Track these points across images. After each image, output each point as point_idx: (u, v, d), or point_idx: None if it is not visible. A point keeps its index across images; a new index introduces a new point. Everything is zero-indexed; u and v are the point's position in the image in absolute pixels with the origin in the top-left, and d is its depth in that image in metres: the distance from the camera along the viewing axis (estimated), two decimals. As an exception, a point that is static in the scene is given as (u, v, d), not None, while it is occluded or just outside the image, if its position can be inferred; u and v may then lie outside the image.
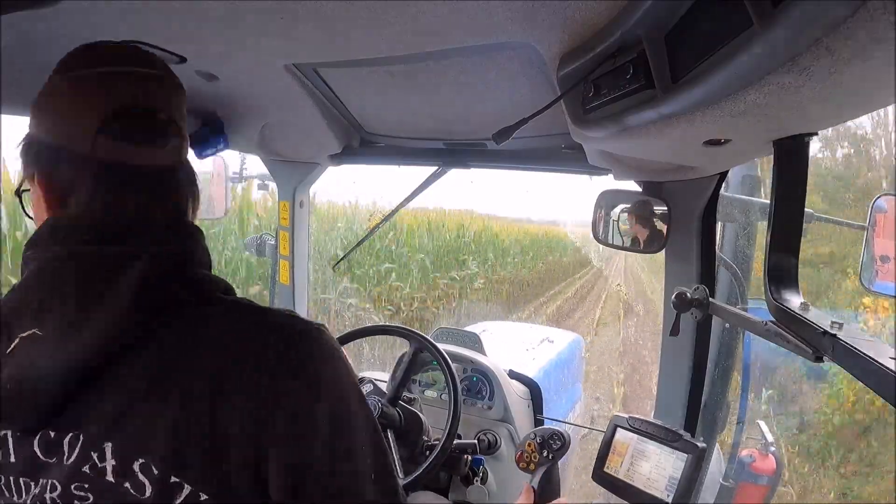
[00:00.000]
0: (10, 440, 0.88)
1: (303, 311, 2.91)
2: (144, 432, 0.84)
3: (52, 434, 0.86)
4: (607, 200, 2.08)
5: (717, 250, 2.07)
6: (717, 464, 2.99)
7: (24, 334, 0.86)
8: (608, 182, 2.06)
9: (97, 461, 0.84)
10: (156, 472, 0.83)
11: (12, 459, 0.88)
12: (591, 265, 37.30)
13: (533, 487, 1.73)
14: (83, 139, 0.93)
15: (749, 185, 2.90)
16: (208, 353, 0.88)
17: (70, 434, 0.86)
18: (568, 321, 15.64)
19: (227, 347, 0.89)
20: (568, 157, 2.06)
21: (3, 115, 1.85)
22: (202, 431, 0.84)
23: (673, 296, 1.58)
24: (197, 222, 1.09)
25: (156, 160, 0.98)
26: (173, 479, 0.83)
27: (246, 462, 0.85)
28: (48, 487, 0.85)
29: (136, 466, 0.83)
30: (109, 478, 0.84)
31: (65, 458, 0.85)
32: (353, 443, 0.91)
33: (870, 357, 0.84)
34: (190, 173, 1.06)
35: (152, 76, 1.00)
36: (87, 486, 0.84)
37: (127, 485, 0.83)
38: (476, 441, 2.24)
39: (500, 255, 21.62)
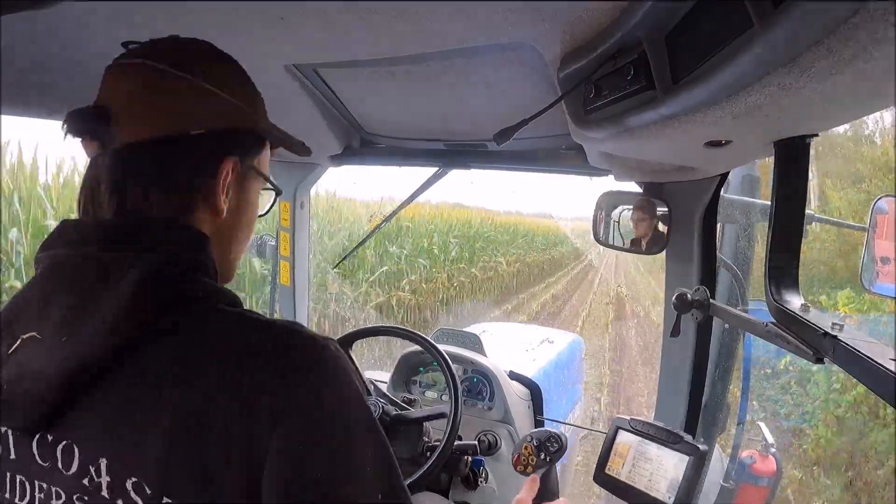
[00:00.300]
0: (11, 437, 0.89)
1: (303, 311, 2.93)
2: (137, 448, 0.82)
3: (49, 438, 0.86)
4: (608, 201, 2.09)
5: (718, 251, 2.07)
6: (717, 465, 2.99)
7: (25, 336, 0.87)
8: (609, 183, 2.07)
9: (94, 475, 0.83)
10: (148, 491, 0.81)
11: (12, 456, 0.88)
12: (566, 268, 33.82)
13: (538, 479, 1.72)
14: None
15: (749, 186, 2.90)
16: (204, 365, 0.85)
17: (64, 442, 0.85)
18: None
19: (224, 361, 0.85)
20: (569, 158, 2.06)
21: (3, 116, 1.85)
22: (194, 449, 0.81)
23: (674, 297, 1.58)
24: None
25: (94, 149, 0.97)
26: (165, 499, 0.81)
27: (239, 485, 0.81)
28: (53, 495, 0.85)
29: (128, 485, 0.82)
30: (105, 493, 0.83)
31: (59, 464, 0.85)
32: (356, 465, 0.87)
33: (870, 358, 0.84)
34: (170, 153, 0.97)
35: (117, 66, 0.99)
36: (86, 498, 0.84)
37: (120, 502, 0.82)
38: (476, 442, 2.23)
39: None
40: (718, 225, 2.11)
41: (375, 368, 3.60)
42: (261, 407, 0.82)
